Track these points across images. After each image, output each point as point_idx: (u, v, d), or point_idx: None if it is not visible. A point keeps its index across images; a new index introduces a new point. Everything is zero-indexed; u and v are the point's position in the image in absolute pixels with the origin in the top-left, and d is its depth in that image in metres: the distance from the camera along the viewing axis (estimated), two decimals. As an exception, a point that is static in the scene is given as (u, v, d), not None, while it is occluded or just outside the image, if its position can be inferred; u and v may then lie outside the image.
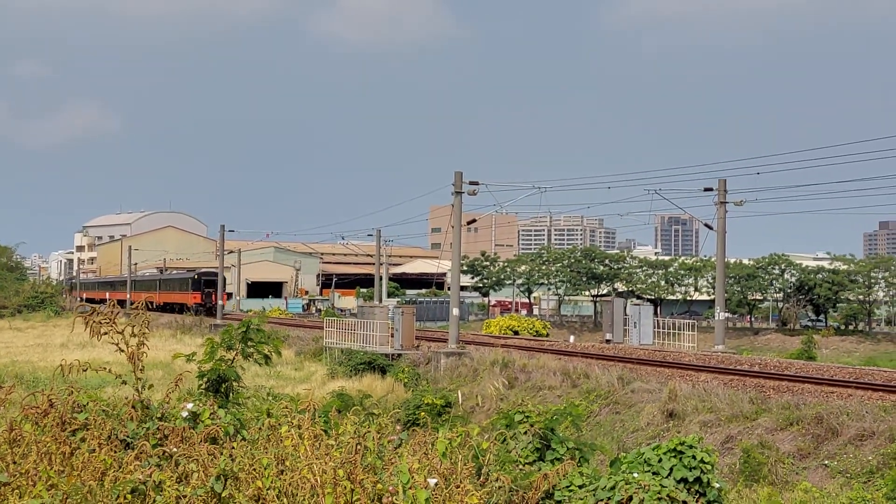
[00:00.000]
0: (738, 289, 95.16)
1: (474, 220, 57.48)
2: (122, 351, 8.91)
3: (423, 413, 30.51)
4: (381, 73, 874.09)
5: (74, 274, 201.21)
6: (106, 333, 8.87)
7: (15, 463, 7.80)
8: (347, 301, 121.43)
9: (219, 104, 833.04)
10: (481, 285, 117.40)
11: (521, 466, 10.78)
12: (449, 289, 68.59)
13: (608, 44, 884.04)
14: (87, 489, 7.28)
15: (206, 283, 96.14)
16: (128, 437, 8.35)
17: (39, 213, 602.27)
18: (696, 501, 9.74)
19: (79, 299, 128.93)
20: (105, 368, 9.15)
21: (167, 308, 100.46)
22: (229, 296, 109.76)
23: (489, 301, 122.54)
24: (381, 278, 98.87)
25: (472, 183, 47.16)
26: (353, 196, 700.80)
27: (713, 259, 70.36)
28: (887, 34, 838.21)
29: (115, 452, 8.02)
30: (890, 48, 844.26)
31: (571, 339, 63.47)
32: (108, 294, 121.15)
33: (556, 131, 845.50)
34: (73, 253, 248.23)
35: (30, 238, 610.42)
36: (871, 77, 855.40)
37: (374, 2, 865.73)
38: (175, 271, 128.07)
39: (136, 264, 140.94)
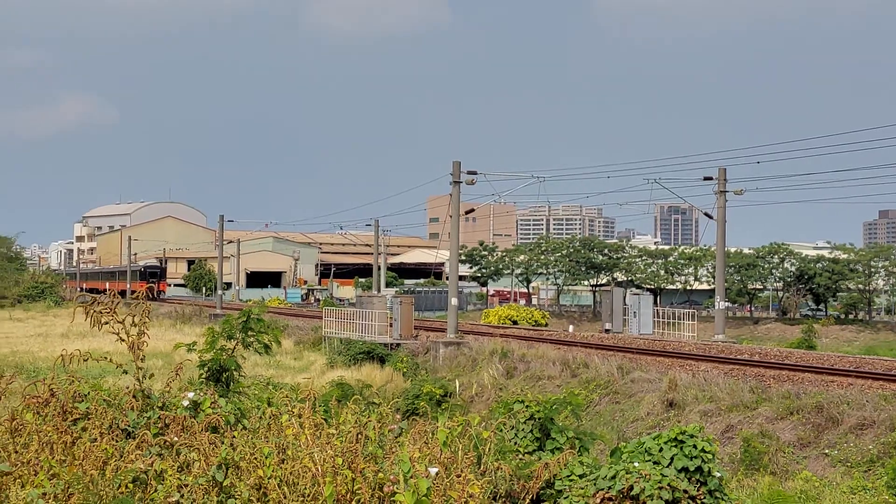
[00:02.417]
0: (738, 278, 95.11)
1: (472, 210, 57.35)
2: (123, 340, 8.91)
3: (422, 403, 30.52)
4: (377, 63, 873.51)
5: (74, 264, 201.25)
6: (107, 323, 8.88)
7: (17, 452, 7.81)
8: (346, 291, 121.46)
9: (216, 94, 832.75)
10: (480, 275, 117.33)
11: (521, 456, 10.79)
12: (447, 278, 68.57)
13: (606, 31, 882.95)
14: (89, 478, 7.29)
15: (150, 274, 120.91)
16: (129, 426, 8.36)
17: (39, 204, 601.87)
18: (697, 490, 9.74)
19: (79, 289, 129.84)
20: (106, 358, 9.15)
21: (122, 293, 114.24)
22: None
23: (488, 291, 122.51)
24: (379, 268, 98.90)
25: (470, 173, 47.14)
26: (352, 186, 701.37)
27: (713, 248, 70.36)
28: (888, 21, 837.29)
29: (117, 442, 8.03)
30: (891, 35, 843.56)
31: (571, 328, 63.50)
32: (107, 284, 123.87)
33: (554, 120, 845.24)
34: (72, 243, 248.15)
35: (29, 228, 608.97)
36: (873, 65, 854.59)
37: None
38: (133, 264, 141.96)
39: (135, 254, 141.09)
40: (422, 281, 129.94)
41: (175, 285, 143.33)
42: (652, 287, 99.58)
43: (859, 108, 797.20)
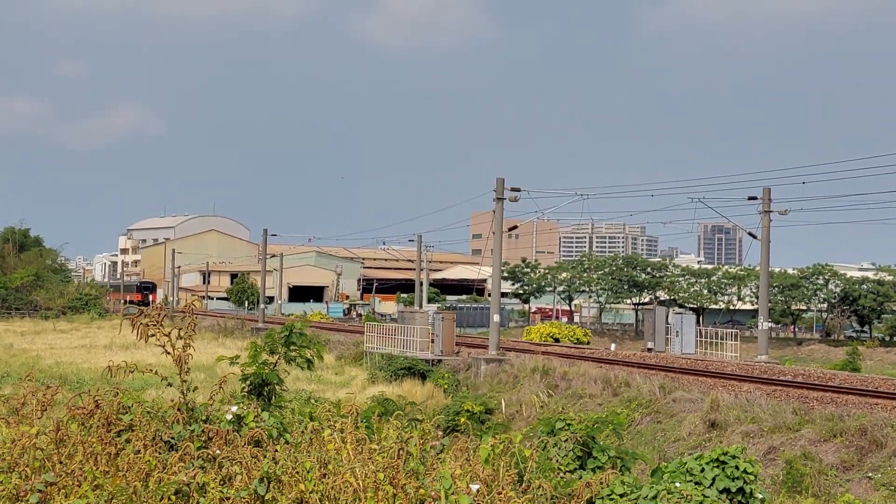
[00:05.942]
0: (782, 298, 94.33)
1: (515, 227, 57.33)
2: (169, 353, 8.98)
3: (463, 419, 30.51)
4: (421, 78, 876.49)
5: (118, 276, 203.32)
6: (153, 335, 8.95)
7: (61, 463, 7.89)
8: (388, 306, 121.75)
9: (261, 108, 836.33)
10: (522, 292, 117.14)
11: (562, 474, 10.76)
12: (489, 295, 68.52)
13: (651, 48, 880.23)
14: (132, 490, 7.35)
15: (144, 288, 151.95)
16: (172, 438, 8.41)
17: (84, 215, 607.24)
18: (739, 512, 9.68)
19: (123, 301, 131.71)
20: (150, 370, 9.23)
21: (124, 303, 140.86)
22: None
23: (530, 308, 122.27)
24: (421, 284, 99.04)
25: (513, 189, 47.13)
26: (395, 202, 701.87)
27: (757, 268, 69.90)
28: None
29: (160, 454, 8.08)
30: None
31: (612, 347, 63.19)
32: (151, 296, 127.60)
33: (598, 138, 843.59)
34: (117, 255, 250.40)
35: (74, 240, 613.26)
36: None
37: (412, 5, 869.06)
38: (133, 279, 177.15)
39: (179, 267, 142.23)
40: (464, 297, 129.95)
41: (218, 298, 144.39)
42: (695, 306, 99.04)
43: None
